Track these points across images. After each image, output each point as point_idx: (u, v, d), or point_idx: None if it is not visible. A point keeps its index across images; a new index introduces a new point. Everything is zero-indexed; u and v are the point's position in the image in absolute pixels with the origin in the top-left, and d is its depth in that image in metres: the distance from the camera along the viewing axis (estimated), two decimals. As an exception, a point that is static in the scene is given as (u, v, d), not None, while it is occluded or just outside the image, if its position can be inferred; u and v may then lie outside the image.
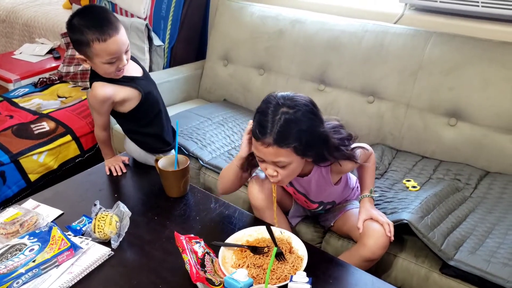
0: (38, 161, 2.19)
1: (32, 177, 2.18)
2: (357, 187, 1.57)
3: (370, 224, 1.34)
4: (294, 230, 1.56)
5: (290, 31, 2.23)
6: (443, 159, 1.81)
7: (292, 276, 1.02)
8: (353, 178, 1.56)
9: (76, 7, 2.98)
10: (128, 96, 1.54)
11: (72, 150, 2.33)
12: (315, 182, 1.39)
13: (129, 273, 1.19)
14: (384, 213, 1.44)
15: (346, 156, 1.28)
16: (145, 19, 2.70)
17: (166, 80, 2.44)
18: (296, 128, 1.18)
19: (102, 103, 1.51)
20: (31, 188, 2.18)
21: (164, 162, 1.52)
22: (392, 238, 1.31)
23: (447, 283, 1.31)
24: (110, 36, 1.37)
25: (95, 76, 1.52)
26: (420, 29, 1.92)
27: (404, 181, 1.69)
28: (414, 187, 1.63)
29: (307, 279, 1.01)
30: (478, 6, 1.79)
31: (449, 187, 1.60)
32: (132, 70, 1.57)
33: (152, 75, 2.50)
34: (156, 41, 2.64)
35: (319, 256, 1.24)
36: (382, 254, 1.34)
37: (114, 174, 1.64)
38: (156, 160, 1.53)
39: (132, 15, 2.76)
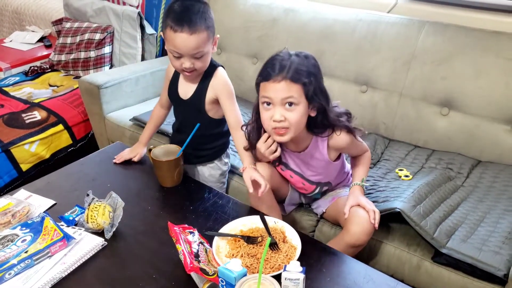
0: (30, 151, 2.17)
1: (24, 166, 2.17)
2: (351, 174, 1.58)
3: (356, 210, 1.35)
4: (287, 218, 1.57)
5: (283, 20, 2.22)
6: (435, 148, 1.82)
7: (285, 266, 1.02)
8: (347, 166, 1.58)
9: (66, -6, 2.94)
10: None
11: (64, 140, 2.31)
12: (313, 157, 1.40)
13: (123, 264, 1.19)
14: (376, 201, 1.46)
15: (344, 124, 1.33)
16: (137, 7, 2.67)
17: (159, 68, 2.41)
18: (307, 69, 1.24)
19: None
20: (23, 178, 2.16)
21: (158, 151, 1.52)
22: (376, 225, 1.32)
23: (438, 272, 1.32)
24: (182, 31, 1.34)
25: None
26: (413, 18, 1.92)
27: (396, 170, 1.70)
28: (406, 176, 1.64)
29: (300, 268, 1.01)
30: (471, -5, 1.79)
31: (441, 176, 1.61)
32: None
33: (145, 63, 2.51)
34: (149, 29, 2.61)
35: (312, 245, 1.25)
36: (366, 240, 1.34)
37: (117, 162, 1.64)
38: (149, 150, 1.53)
39: (124, 3, 2.73)
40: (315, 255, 1.21)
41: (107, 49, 2.66)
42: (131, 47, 2.62)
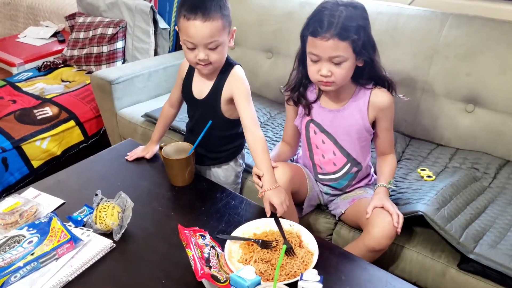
0: (41, 147, 2.15)
1: (35, 163, 2.14)
2: (374, 175, 1.53)
3: (379, 212, 1.29)
4: (303, 221, 1.50)
5: (299, 13, 2.14)
6: (459, 147, 1.74)
7: (302, 274, 0.96)
8: (372, 168, 1.55)
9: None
10: None
11: (76, 136, 2.28)
12: (351, 115, 1.37)
13: (131, 267, 1.15)
14: (397, 204, 1.39)
15: (388, 79, 1.34)
16: (150, 1, 2.62)
17: (172, 64, 2.37)
18: (355, 23, 1.21)
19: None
20: (34, 175, 2.14)
21: (169, 149, 1.47)
22: (399, 230, 1.25)
23: (465, 280, 1.25)
24: (195, 19, 1.28)
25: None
26: (436, 10, 1.83)
27: (418, 170, 1.62)
28: (429, 176, 1.56)
29: (318, 277, 0.95)
30: (499, -15, 1.70)
31: (466, 177, 1.53)
32: None
33: (158, 58, 2.46)
34: (162, 24, 2.57)
35: (330, 250, 1.18)
36: (387, 245, 1.28)
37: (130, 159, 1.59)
38: (161, 148, 1.48)
39: (136, -3, 2.68)
40: (333, 261, 1.14)
41: (119, 44, 2.62)
42: (144, 41, 2.58)
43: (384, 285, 1.07)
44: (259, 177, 1.33)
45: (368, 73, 1.33)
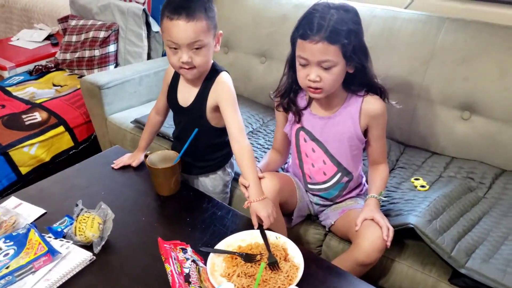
0: (29, 153, 2.11)
1: (23, 170, 2.10)
2: (366, 185, 1.49)
3: (369, 224, 1.24)
4: (292, 232, 1.46)
5: (294, 16, 2.07)
6: (455, 155, 1.70)
7: (283, 293, 0.92)
8: (364, 178, 1.51)
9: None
10: None
11: (66, 142, 2.24)
12: (342, 122, 1.34)
13: (111, 281, 1.10)
14: (388, 215, 1.34)
15: (380, 86, 1.30)
16: (143, 4, 2.58)
17: (163, 68, 2.32)
18: (346, 27, 1.18)
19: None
20: (23, 182, 2.10)
21: (154, 158, 1.42)
22: (389, 243, 1.21)
23: (456, 295, 1.20)
24: (178, 19, 1.24)
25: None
26: (432, 14, 1.78)
27: (412, 179, 1.57)
28: (423, 186, 1.52)
29: (300, 295, 0.90)
30: (496, -11, 1.65)
31: (461, 187, 1.48)
32: None
33: (149, 63, 2.42)
34: (155, 27, 2.53)
35: (317, 264, 1.14)
36: (377, 258, 1.23)
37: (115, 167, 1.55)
38: (146, 156, 1.44)
39: (130, 0, 2.64)
40: (319, 275, 1.10)
41: (112, 48, 2.58)
42: (136, 45, 2.54)
43: (372, 302, 1.03)
44: (246, 187, 1.29)
45: (359, 80, 1.29)
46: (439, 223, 1.28)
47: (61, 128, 2.22)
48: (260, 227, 1.22)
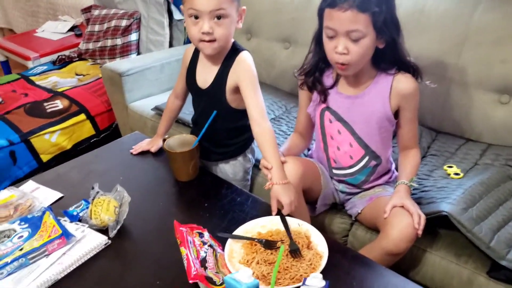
0: (50, 141, 2.10)
1: (44, 157, 2.10)
2: (395, 172, 1.41)
3: (399, 212, 1.16)
4: (316, 221, 1.39)
5: (318, 1, 2.02)
6: (492, 142, 1.59)
7: (305, 279, 0.85)
8: (393, 164, 1.43)
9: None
10: None
11: (87, 130, 2.23)
12: (371, 102, 1.26)
13: (126, 267, 1.07)
14: (420, 203, 1.26)
15: (413, 64, 1.23)
16: (165, -9, 2.55)
17: (186, 55, 2.28)
18: None
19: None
20: (44, 169, 2.08)
21: (173, 142, 1.38)
22: (420, 232, 1.13)
23: (496, 289, 1.11)
24: None
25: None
26: (467, -8, 1.68)
27: (445, 167, 1.48)
28: (456, 174, 1.42)
29: (323, 282, 0.84)
30: (538, -37, 1.53)
31: (499, 174, 1.38)
32: None
33: (170, 50, 2.38)
34: (176, 15, 2.49)
35: (342, 253, 1.07)
36: (407, 248, 1.16)
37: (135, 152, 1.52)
38: (164, 140, 1.39)
39: (152, -12, 2.62)
40: (344, 264, 1.03)
41: (133, 36, 2.56)
42: (158, 34, 2.50)
43: (401, 293, 0.95)
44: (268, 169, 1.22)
45: (390, 57, 1.22)
46: (476, 212, 1.19)
47: (82, 116, 2.21)
48: (280, 213, 1.15)
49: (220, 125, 1.38)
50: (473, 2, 1.62)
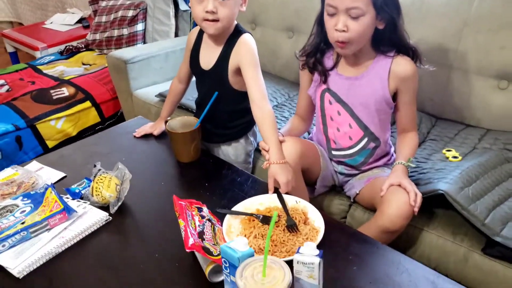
0: (56, 127, 2.13)
1: (50, 143, 2.13)
2: (394, 155, 1.42)
3: (395, 190, 1.17)
4: (314, 203, 1.40)
5: (322, -9, 2.03)
6: (491, 127, 1.60)
7: (299, 248, 0.87)
8: (392, 148, 1.44)
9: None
10: None
11: (92, 117, 2.26)
12: (370, 83, 1.27)
13: (125, 242, 1.09)
14: (418, 184, 1.27)
15: (412, 47, 1.24)
16: (170, -18, 2.57)
17: (190, 45, 2.30)
18: None
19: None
20: (49, 155, 2.12)
21: (174, 124, 1.40)
22: (416, 209, 1.14)
23: (490, 266, 1.12)
24: None
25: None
26: (468, -21, 1.68)
27: (444, 151, 1.49)
28: (455, 157, 1.43)
29: (317, 251, 0.85)
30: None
31: (497, 157, 1.39)
32: None
33: (178, 40, 2.40)
34: (182, 6, 2.51)
35: (340, 230, 1.08)
36: (403, 225, 1.17)
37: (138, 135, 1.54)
38: (166, 122, 1.41)
39: (158, -21, 2.64)
40: (342, 241, 1.04)
41: (139, 26, 2.59)
42: (164, 24, 2.53)
43: (396, 267, 0.96)
44: (266, 151, 1.24)
45: (389, 39, 1.23)
46: (472, 191, 1.20)
47: (87, 103, 2.24)
48: (277, 191, 1.17)
49: (222, 107, 1.40)
50: (473, -12, 1.62)
